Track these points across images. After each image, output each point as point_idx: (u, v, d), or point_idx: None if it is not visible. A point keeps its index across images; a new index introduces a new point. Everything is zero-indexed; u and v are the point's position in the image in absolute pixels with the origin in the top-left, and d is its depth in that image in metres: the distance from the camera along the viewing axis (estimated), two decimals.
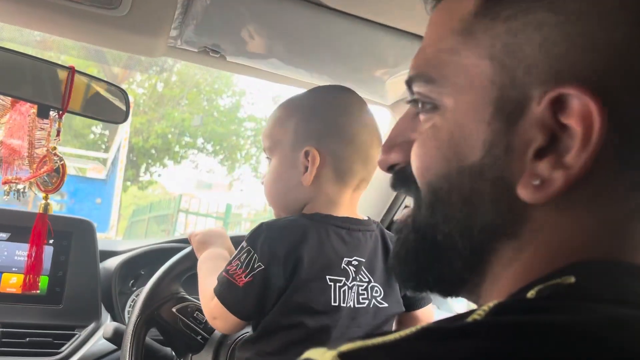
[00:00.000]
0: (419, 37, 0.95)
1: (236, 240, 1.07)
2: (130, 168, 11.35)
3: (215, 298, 0.88)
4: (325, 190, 0.93)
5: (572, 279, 0.34)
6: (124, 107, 1.18)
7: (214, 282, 0.91)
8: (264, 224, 0.89)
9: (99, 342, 1.23)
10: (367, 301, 0.91)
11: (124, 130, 8.20)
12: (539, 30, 0.36)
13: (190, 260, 1.08)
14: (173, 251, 1.15)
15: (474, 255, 0.40)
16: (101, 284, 1.34)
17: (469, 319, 0.32)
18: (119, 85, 1.18)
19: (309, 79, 1.15)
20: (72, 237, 1.32)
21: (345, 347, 0.31)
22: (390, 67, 1.08)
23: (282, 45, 1.02)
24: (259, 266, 0.85)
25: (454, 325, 0.32)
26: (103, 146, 11.17)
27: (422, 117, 0.44)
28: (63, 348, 1.22)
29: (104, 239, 2.07)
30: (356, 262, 0.91)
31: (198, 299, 1.03)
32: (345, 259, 0.90)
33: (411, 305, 1.00)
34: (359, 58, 1.06)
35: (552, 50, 0.36)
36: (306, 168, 0.91)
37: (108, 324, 1.13)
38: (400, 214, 1.50)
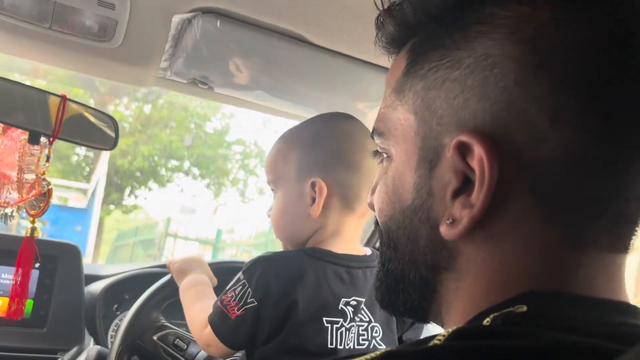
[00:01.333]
0: None
1: (215, 268, 1.09)
2: (114, 191, 11.17)
3: (208, 327, 0.88)
4: (332, 219, 0.92)
5: (524, 308, 0.36)
6: (113, 134, 1.21)
7: (204, 309, 0.91)
8: (262, 257, 0.88)
9: None
10: (367, 342, 0.90)
11: (105, 162, 8.28)
12: (443, 85, 0.41)
13: (170, 288, 1.09)
14: (157, 276, 1.16)
15: (424, 286, 0.44)
16: (85, 308, 1.35)
17: (430, 344, 0.35)
18: (107, 112, 1.21)
19: (294, 111, 1.19)
20: (58, 261, 1.33)
21: None
22: (372, 100, 1.13)
23: (268, 78, 1.06)
24: (252, 302, 0.84)
25: (415, 348, 0.35)
26: (87, 169, 11.01)
27: (383, 164, 0.49)
28: None
29: (90, 264, 2.07)
30: (355, 302, 0.89)
31: (179, 326, 1.04)
32: (343, 299, 0.88)
33: None
34: (341, 92, 1.10)
35: (454, 102, 0.40)
36: (313, 199, 0.90)
37: (91, 348, 1.14)
38: None
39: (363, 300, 0.90)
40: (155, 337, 1.06)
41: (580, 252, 0.39)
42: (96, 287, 1.42)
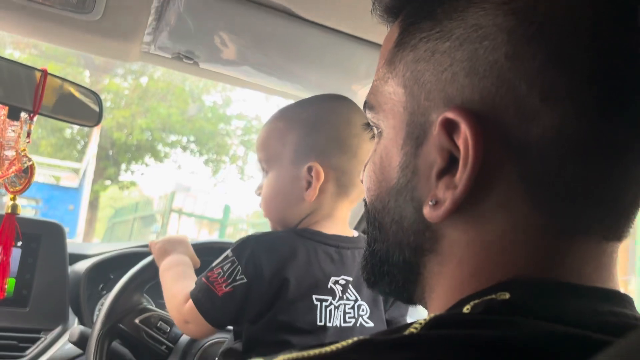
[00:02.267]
0: None
1: (198, 249, 1.07)
2: (110, 166, 10.91)
3: (190, 301, 0.87)
4: (325, 204, 0.92)
5: (507, 295, 0.35)
6: (96, 110, 1.18)
7: (185, 288, 0.90)
8: (253, 237, 0.88)
9: (65, 346, 1.22)
10: (353, 320, 0.90)
11: (95, 143, 8.24)
12: (432, 57, 0.39)
13: (152, 270, 1.07)
14: (143, 255, 1.15)
15: (408, 268, 0.43)
16: (70, 288, 1.33)
17: (406, 332, 0.33)
18: (101, 83, 1.18)
19: (282, 88, 1.16)
20: (41, 240, 1.31)
21: (282, 356, 0.33)
22: (362, 78, 1.10)
23: (255, 53, 1.03)
24: (242, 279, 0.83)
25: (389, 337, 0.33)
26: (82, 142, 10.74)
27: (374, 141, 0.47)
28: (28, 351, 1.21)
29: (75, 243, 2.05)
30: (343, 282, 0.90)
31: (162, 308, 1.02)
32: (332, 278, 0.89)
33: (389, 326, 0.99)
34: (331, 69, 1.07)
35: (442, 76, 0.38)
36: (308, 183, 0.90)
37: (74, 328, 1.12)
38: None
39: (351, 279, 0.91)
40: (137, 320, 1.05)
41: (569, 239, 0.37)
42: (81, 266, 1.41)
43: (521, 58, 0.35)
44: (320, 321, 0.86)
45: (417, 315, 1.60)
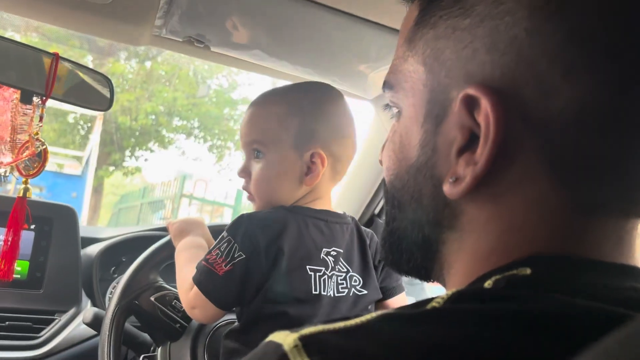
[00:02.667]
0: None
1: (215, 230, 1.08)
2: (115, 151, 10.70)
3: (195, 287, 0.89)
4: (319, 189, 0.96)
5: (528, 271, 0.35)
6: (107, 95, 1.18)
7: (193, 271, 0.92)
8: (245, 215, 0.90)
9: (78, 327, 1.24)
10: (346, 290, 0.93)
11: (97, 132, 8.22)
12: (453, 34, 0.39)
13: (169, 249, 1.08)
14: (154, 239, 1.16)
15: (427, 245, 0.43)
16: (82, 270, 1.35)
17: (428, 306, 0.34)
18: (103, 70, 1.19)
19: (292, 72, 1.16)
20: (54, 223, 1.32)
21: (307, 330, 0.33)
22: (373, 61, 1.10)
23: (266, 37, 1.03)
24: (240, 255, 0.86)
25: (412, 311, 0.34)
26: (85, 127, 10.55)
27: (393, 121, 0.47)
28: (42, 332, 1.23)
29: (87, 226, 2.06)
30: (335, 253, 0.93)
31: (176, 288, 1.03)
32: (324, 249, 0.92)
33: (385, 294, 1.03)
34: (342, 52, 1.07)
35: (462, 52, 0.38)
36: (309, 168, 0.93)
37: (88, 309, 1.14)
38: (381, 205, 1.52)
39: (342, 251, 0.94)
40: (152, 298, 1.06)
41: (589, 216, 0.37)
42: (93, 249, 1.42)
43: (542, 34, 0.35)
44: (315, 290, 0.89)
45: (417, 295, 1.60)
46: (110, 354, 0.99)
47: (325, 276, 0.91)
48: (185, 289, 0.92)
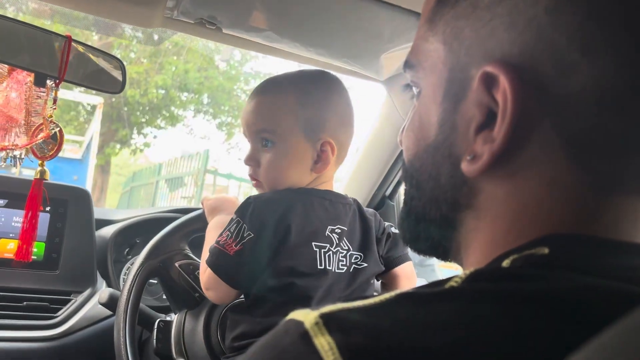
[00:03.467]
0: (415, 13, 0.96)
1: None
2: (122, 128, 10.39)
3: (208, 269, 0.92)
4: (325, 175, 0.99)
5: (546, 250, 0.35)
6: (120, 77, 1.18)
7: (206, 254, 0.94)
8: (251, 197, 0.93)
9: (94, 308, 1.26)
10: (345, 267, 0.96)
11: (98, 120, 8.18)
12: (473, 12, 0.39)
13: (201, 222, 1.11)
14: (168, 221, 1.17)
15: (445, 224, 0.44)
16: (97, 252, 1.37)
17: (447, 286, 0.34)
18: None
19: (305, 53, 1.16)
20: (68, 205, 1.34)
21: (327, 308, 0.33)
22: (385, 42, 1.09)
23: (278, 18, 1.03)
24: (249, 234, 0.89)
25: (431, 290, 0.34)
26: (88, 107, 10.09)
27: (414, 102, 0.47)
28: (59, 312, 1.25)
29: (101, 208, 2.08)
30: (339, 230, 0.96)
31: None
32: (329, 226, 0.95)
33: (389, 264, 1.06)
34: (355, 33, 1.06)
35: (481, 30, 0.38)
36: (318, 157, 0.95)
37: (103, 290, 1.15)
38: (392, 187, 1.52)
39: (345, 229, 0.97)
40: (177, 264, 1.08)
41: (606, 195, 0.37)
42: (107, 231, 1.44)
43: (561, 12, 0.35)
44: (321, 265, 0.92)
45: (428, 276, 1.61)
46: (125, 330, 1.01)
47: (330, 252, 0.94)
48: (202, 270, 0.95)
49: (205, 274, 0.93)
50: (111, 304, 1.10)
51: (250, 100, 0.99)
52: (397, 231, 1.08)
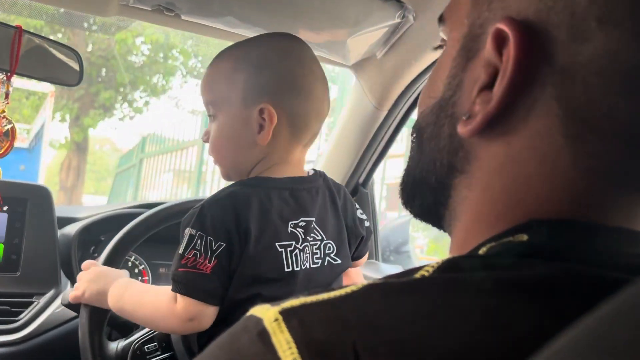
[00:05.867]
0: None
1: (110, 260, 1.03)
2: (104, 89, 9.06)
3: (183, 300, 0.81)
4: (279, 148, 0.88)
5: (525, 237, 0.34)
6: (77, 68, 1.14)
7: (159, 294, 0.85)
8: (204, 204, 0.83)
9: (58, 309, 1.22)
10: (320, 260, 0.89)
11: (49, 107, 7.89)
12: None
13: (164, 215, 1.08)
14: (132, 217, 1.13)
15: (439, 189, 0.43)
16: (60, 251, 1.32)
17: (417, 275, 0.33)
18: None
19: None
20: (28, 204, 1.29)
21: (289, 303, 0.32)
22: (351, 26, 1.06)
23: (239, 2, 0.99)
24: (220, 245, 0.80)
25: (399, 281, 0.32)
26: (34, 103, 9.15)
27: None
28: (21, 316, 1.21)
29: (63, 206, 2.03)
30: (303, 223, 0.88)
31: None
32: (290, 222, 0.87)
33: (354, 259, 1.00)
34: (319, 17, 1.03)
35: None
36: (260, 126, 0.85)
37: (67, 291, 1.11)
38: (365, 174, 1.51)
39: (313, 219, 0.89)
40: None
41: (600, 181, 0.35)
42: (71, 229, 1.39)
43: None
44: (288, 267, 0.85)
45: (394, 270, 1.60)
46: (89, 332, 0.97)
47: (297, 250, 0.86)
48: (168, 309, 0.83)
49: (177, 307, 0.81)
50: (75, 305, 1.06)
51: None
52: (369, 225, 1.05)
